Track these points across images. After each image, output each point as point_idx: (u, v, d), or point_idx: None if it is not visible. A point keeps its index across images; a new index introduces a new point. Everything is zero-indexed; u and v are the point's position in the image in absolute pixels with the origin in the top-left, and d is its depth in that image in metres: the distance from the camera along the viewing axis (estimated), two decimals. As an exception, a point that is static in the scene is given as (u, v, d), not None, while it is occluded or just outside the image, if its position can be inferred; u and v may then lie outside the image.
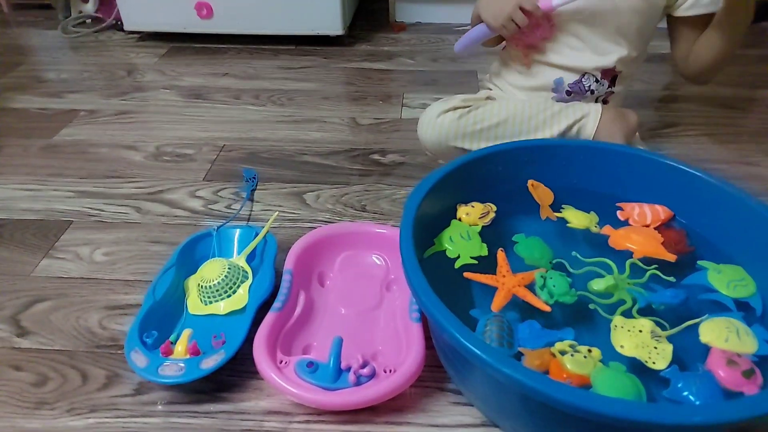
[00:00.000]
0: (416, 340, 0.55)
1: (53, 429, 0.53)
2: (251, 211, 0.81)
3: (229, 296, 0.62)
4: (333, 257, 0.68)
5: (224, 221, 0.73)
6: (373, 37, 1.44)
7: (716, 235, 0.62)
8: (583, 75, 0.78)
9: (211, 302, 0.62)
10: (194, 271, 0.66)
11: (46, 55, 1.37)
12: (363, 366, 0.53)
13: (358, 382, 0.52)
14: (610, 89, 0.80)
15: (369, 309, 0.63)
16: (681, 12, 0.74)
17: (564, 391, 0.41)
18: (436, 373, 0.57)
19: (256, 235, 0.69)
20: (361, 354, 0.54)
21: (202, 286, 0.62)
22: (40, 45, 1.44)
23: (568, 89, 0.80)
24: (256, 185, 0.86)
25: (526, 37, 0.77)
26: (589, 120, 0.76)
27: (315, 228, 0.75)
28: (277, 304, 0.58)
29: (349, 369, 0.53)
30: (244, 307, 0.61)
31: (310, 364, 0.53)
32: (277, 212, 0.72)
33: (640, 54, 0.79)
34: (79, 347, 0.61)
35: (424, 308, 0.48)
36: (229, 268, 0.63)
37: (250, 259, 0.67)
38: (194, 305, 0.63)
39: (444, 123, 0.77)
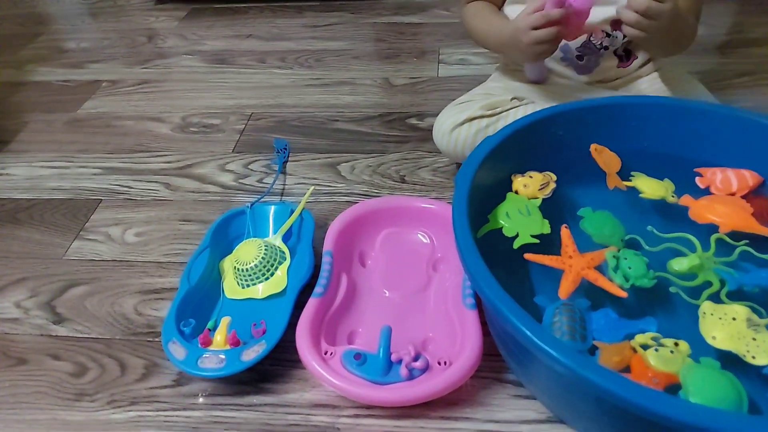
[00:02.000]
0: (473, 327, 0.50)
1: (95, 422, 0.51)
2: (284, 185, 0.76)
3: (267, 279, 0.59)
4: (374, 235, 0.63)
5: (258, 197, 0.69)
6: (404, -12, 1.34)
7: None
8: (590, 34, 0.68)
9: (248, 285, 0.59)
10: (229, 252, 0.62)
11: (65, 23, 1.32)
12: (415, 359, 0.49)
13: (410, 376, 0.48)
14: (626, 38, 0.70)
15: (416, 291, 0.58)
16: None
17: (652, 397, 0.35)
18: (494, 363, 0.52)
19: (292, 212, 0.64)
20: (412, 343, 0.50)
21: (238, 269, 0.59)
22: (59, 12, 1.39)
23: (578, 53, 0.70)
24: (288, 156, 0.81)
25: (573, 32, 0.64)
26: None
27: (352, 202, 0.70)
28: (318, 289, 0.54)
29: (400, 361, 0.48)
30: (284, 290, 0.58)
31: (358, 355, 0.49)
32: (313, 187, 0.67)
33: None
34: (115, 335, 0.58)
35: (484, 297, 0.43)
36: (265, 249, 0.59)
37: (286, 238, 0.63)
38: (231, 289, 0.59)
39: (459, 139, 0.68)
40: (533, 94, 0.72)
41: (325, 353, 0.50)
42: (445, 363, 0.49)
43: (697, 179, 0.58)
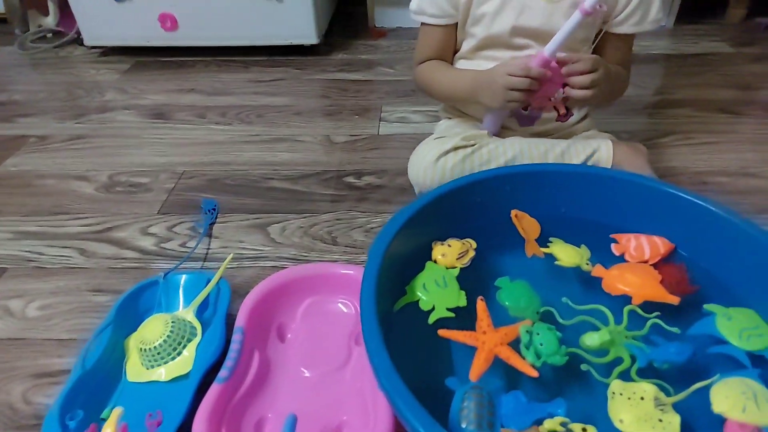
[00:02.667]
0: (385, 413, 0.47)
1: None
2: (208, 248, 0.73)
3: (173, 358, 0.55)
4: (295, 305, 0.61)
5: (174, 265, 0.65)
6: (351, 45, 1.36)
7: (724, 270, 0.54)
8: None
9: (153, 366, 0.55)
10: (136, 328, 0.58)
11: (1, 75, 1.28)
12: (322, 447, 0.45)
13: (316, 467, 0.45)
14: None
15: (335, 369, 0.55)
16: (613, 28, 0.71)
17: None
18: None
19: (208, 281, 0.61)
20: (325, 429, 0.47)
21: (142, 349, 0.55)
22: (-5, 63, 1.35)
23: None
24: (216, 218, 0.78)
25: (541, 97, 0.68)
26: (601, 154, 0.69)
27: (279, 267, 0.68)
28: (223, 373, 0.51)
29: (306, 451, 0.45)
30: (189, 373, 0.54)
31: (261, 445, 0.46)
32: (232, 254, 0.64)
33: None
34: (-2, 426, 0.53)
35: (382, 388, 0.41)
36: (173, 326, 0.55)
37: (201, 311, 0.60)
38: (134, 371, 0.55)
39: (446, 167, 0.68)
40: (483, 142, 0.73)
41: (225, 442, 0.47)
42: (352, 448, 0.46)
43: (613, 246, 0.58)
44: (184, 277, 0.63)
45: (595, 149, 0.69)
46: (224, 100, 1.12)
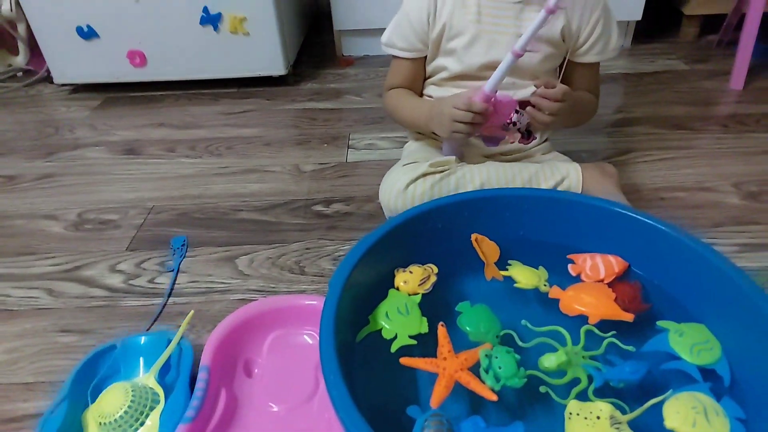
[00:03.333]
0: None
1: None
2: (177, 283, 0.73)
3: (136, 430, 0.52)
4: (261, 340, 0.61)
5: (145, 324, 0.65)
6: (319, 74, 1.39)
7: (675, 287, 0.56)
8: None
9: None
10: (95, 400, 0.55)
11: (-32, 115, 1.28)
12: (286, 483, 0.46)
13: (281, 504, 0.45)
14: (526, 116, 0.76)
15: (302, 401, 0.55)
16: (577, 58, 0.75)
17: None
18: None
19: (169, 341, 0.59)
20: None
21: (102, 423, 0.52)
22: (-37, 104, 1.35)
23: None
24: (185, 253, 0.79)
25: (490, 126, 0.71)
26: (571, 179, 0.71)
27: (246, 300, 0.68)
28: (189, 413, 0.50)
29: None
30: None
31: (226, 484, 0.46)
32: (192, 311, 0.62)
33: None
34: (-39, 478, 0.52)
35: (339, 419, 0.41)
36: (133, 395, 0.53)
37: (162, 374, 0.57)
38: None
39: (416, 194, 0.70)
40: (452, 169, 0.74)
41: (192, 484, 0.46)
42: (319, 485, 0.46)
43: (570, 267, 0.60)
44: (143, 338, 0.60)
45: (564, 175, 0.71)
46: (194, 134, 1.13)
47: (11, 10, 1.39)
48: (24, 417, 0.57)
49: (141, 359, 0.59)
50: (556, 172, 0.72)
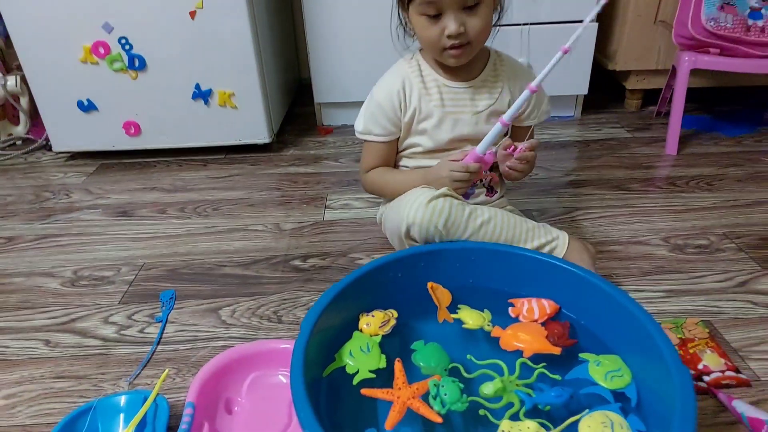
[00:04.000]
0: (316, 464, 0.55)
1: None
2: (164, 333, 0.81)
3: None
4: (240, 380, 0.68)
5: (114, 387, 0.71)
6: (301, 142, 1.52)
7: (596, 325, 0.66)
8: None
9: None
10: None
11: (-30, 181, 1.37)
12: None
13: None
14: (490, 176, 0.88)
15: (277, 432, 0.63)
16: (518, 123, 0.89)
17: None
18: (341, 497, 0.56)
19: (145, 399, 0.64)
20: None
21: None
22: (-35, 170, 1.44)
23: None
24: (173, 306, 0.87)
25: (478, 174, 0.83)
26: (559, 243, 0.79)
27: (228, 346, 0.76)
28: (176, 441, 0.58)
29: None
30: None
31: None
32: (167, 370, 0.68)
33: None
34: None
35: (308, 437, 0.49)
36: None
37: (140, 429, 0.62)
38: None
39: (437, 206, 0.75)
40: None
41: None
42: (289, 503, 0.53)
43: (510, 309, 0.70)
44: (123, 398, 0.65)
45: (554, 238, 0.80)
46: (184, 196, 1.23)
47: (16, 85, 1.52)
48: (22, 455, 0.63)
49: (121, 416, 0.64)
50: (548, 233, 0.80)
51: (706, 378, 0.68)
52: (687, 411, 0.48)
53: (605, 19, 1.55)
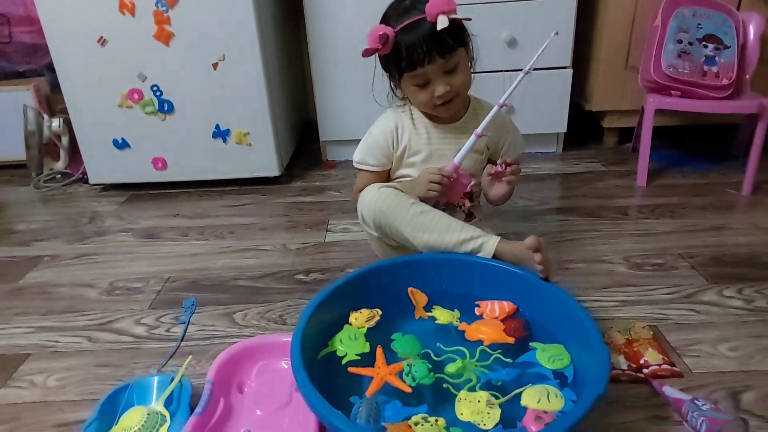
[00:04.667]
0: (311, 425, 0.68)
1: None
2: (186, 332, 0.95)
3: None
4: (251, 367, 0.82)
5: (146, 372, 0.85)
6: (307, 175, 1.69)
7: (546, 320, 0.79)
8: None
9: None
10: (116, 422, 0.72)
11: (18, 209, 1.55)
12: (265, 452, 0.65)
13: (260, 466, 0.64)
14: (465, 201, 1.02)
15: (280, 407, 0.76)
16: (496, 157, 1.04)
17: None
18: (331, 456, 0.69)
19: (172, 380, 0.78)
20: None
21: None
22: (13, 200, 1.62)
23: (444, 208, 0.98)
24: (194, 310, 1.01)
25: (455, 191, 0.97)
26: (490, 241, 0.88)
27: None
28: (198, 409, 0.71)
29: (253, 456, 0.65)
30: None
31: (223, 455, 0.65)
32: (190, 357, 0.83)
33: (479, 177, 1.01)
34: (26, 464, 0.71)
35: (302, 394, 0.62)
36: (148, 415, 0.73)
37: (168, 404, 0.76)
38: None
39: (384, 192, 0.91)
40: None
41: (198, 457, 0.66)
42: (288, 455, 0.66)
43: (476, 309, 0.83)
44: (155, 379, 0.79)
45: (483, 234, 0.89)
46: (203, 222, 1.40)
47: (59, 126, 1.73)
48: (72, 423, 0.77)
49: (153, 393, 0.78)
50: (480, 231, 0.89)
51: (645, 370, 0.80)
52: (601, 376, 0.60)
53: (581, 65, 1.73)
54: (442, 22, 0.84)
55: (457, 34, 0.89)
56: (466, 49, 0.93)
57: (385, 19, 0.91)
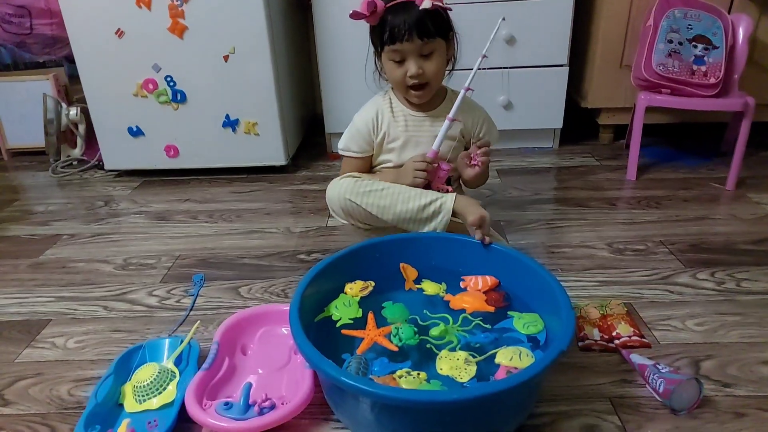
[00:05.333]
0: (306, 381, 0.75)
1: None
2: (195, 303, 1.03)
3: (160, 393, 0.78)
4: (254, 332, 0.89)
5: (171, 328, 0.93)
6: (312, 165, 1.76)
7: (524, 292, 0.86)
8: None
9: (144, 400, 0.77)
10: (129, 378, 0.80)
11: (37, 192, 1.64)
12: (265, 401, 0.73)
13: (261, 413, 0.71)
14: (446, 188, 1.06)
15: (279, 367, 0.83)
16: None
17: (393, 390, 0.62)
18: (323, 409, 0.76)
19: (181, 342, 0.85)
20: (268, 394, 0.74)
21: (136, 386, 0.78)
22: (33, 184, 1.71)
23: None
24: (203, 284, 1.09)
25: (437, 178, 1.03)
26: (447, 199, 0.98)
27: (245, 312, 0.97)
28: (205, 365, 0.79)
29: (255, 404, 0.72)
30: (173, 401, 0.77)
31: (227, 404, 0.73)
32: (198, 322, 0.91)
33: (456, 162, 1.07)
34: (50, 410, 0.78)
35: (300, 349, 0.70)
36: (159, 370, 0.80)
37: (178, 362, 0.83)
38: (130, 405, 0.77)
39: (344, 183, 1.02)
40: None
41: (204, 405, 0.73)
42: (285, 404, 0.73)
43: (461, 283, 0.90)
44: (166, 341, 0.87)
45: (441, 197, 0.98)
46: (212, 206, 1.47)
47: (76, 115, 1.81)
48: (92, 378, 0.84)
49: (165, 353, 0.86)
50: (437, 195, 0.98)
51: (616, 341, 0.87)
52: (564, 335, 0.67)
53: (578, 63, 1.79)
54: (426, 3, 0.91)
55: (440, 25, 0.97)
56: (448, 45, 1.00)
57: None
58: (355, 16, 0.97)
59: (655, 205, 1.37)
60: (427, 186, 1.03)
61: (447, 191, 1.02)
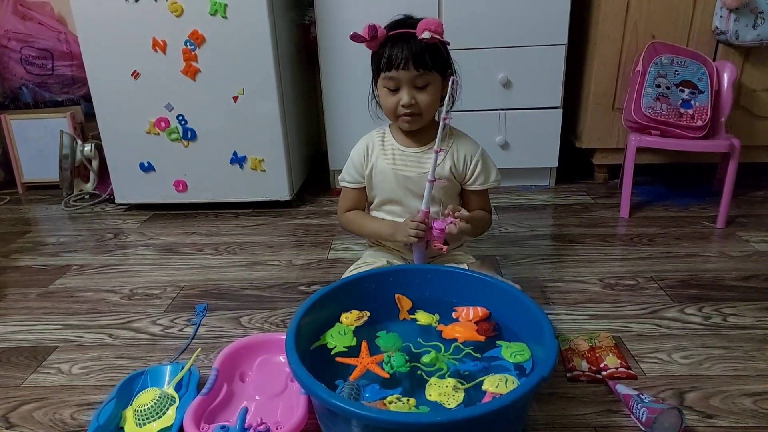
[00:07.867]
0: (301, 406, 0.78)
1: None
2: (198, 332, 1.06)
3: (160, 417, 0.81)
4: (253, 359, 0.93)
5: (174, 356, 0.96)
6: (316, 200, 1.82)
7: (512, 323, 0.89)
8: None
9: (144, 423, 0.79)
10: (131, 403, 0.82)
11: (49, 225, 1.70)
12: (260, 425, 0.75)
13: (256, 437, 0.74)
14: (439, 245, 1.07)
15: (276, 394, 0.86)
16: (467, 187, 1.10)
17: (382, 413, 0.65)
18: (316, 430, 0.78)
19: (182, 368, 0.89)
20: (263, 419, 0.77)
21: (137, 411, 0.81)
22: (45, 217, 1.78)
23: None
24: (205, 314, 1.12)
25: (432, 237, 1.03)
26: None
27: (245, 341, 1.00)
28: (204, 390, 0.82)
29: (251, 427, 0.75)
30: (172, 425, 0.79)
31: (224, 427, 0.75)
32: (199, 349, 0.95)
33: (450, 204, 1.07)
34: (53, 433, 0.81)
35: (293, 373, 0.73)
36: (160, 395, 0.83)
37: (178, 388, 0.86)
38: (131, 428, 0.79)
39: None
40: (396, 261, 1.09)
41: (202, 428, 0.76)
42: (280, 428, 0.76)
43: (453, 313, 0.93)
44: (167, 367, 0.90)
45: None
46: (218, 239, 1.53)
47: (91, 150, 1.90)
48: (94, 402, 0.87)
49: (166, 378, 0.89)
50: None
51: (603, 372, 0.89)
52: (546, 362, 0.70)
53: (572, 106, 1.87)
54: (425, 34, 0.96)
55: (438, 60, 1.00)
56: (444, 81, 1.03)
57: (387, 26, 1.03)
58: (356, 38, 1.00)
59: (648, 242, 1.41)
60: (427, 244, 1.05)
61: (441, 250, 1.02)
